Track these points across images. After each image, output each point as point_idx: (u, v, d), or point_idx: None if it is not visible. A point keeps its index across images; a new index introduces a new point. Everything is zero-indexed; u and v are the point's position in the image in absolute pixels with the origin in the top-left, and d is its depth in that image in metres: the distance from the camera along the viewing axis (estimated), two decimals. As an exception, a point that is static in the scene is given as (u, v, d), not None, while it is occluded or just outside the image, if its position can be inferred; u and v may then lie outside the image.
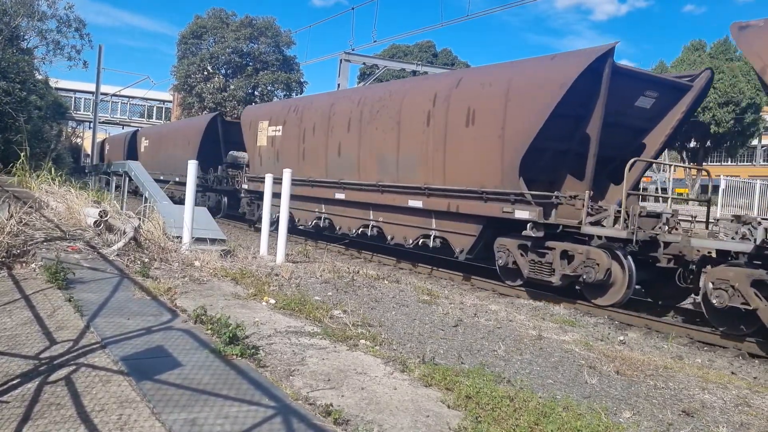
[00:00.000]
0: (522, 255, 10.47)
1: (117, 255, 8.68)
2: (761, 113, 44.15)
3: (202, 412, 3.62)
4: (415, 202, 12.32)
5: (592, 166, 10.18)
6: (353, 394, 4.27)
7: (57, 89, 41.96)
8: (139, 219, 10.55)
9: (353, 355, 5.27)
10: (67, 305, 5.85)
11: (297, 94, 44.55)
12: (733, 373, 6.63)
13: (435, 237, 12.13)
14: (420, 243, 12.55)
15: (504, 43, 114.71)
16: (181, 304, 6.42)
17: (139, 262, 8.50)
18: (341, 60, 26.67)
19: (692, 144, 46.61)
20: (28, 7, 24.07)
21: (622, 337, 7.74)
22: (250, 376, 4.32)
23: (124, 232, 9.55)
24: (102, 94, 39.54)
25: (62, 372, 4.16)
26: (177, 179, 23.36)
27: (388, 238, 13.41)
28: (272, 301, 7.13)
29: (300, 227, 17.06)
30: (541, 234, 9.97)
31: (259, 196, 16.77)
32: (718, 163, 57.50)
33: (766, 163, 62.77)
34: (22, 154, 14.30)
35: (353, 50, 27.28)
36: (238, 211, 20.77)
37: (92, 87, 39.00)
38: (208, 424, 3.47)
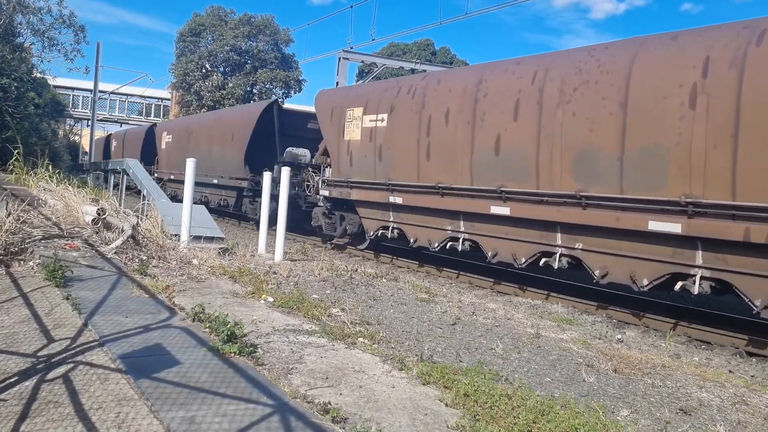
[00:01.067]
0: None
1: (115, 253, 8.68)
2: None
3: (200, 410, 3.62)
4: (664, 225, 8.28)
5: None
6: (351, 392, 4.28)
7: (55, 87, 41.87)
8: (138, 217, 10.54)
9: (351, 353, 5.27)
10: (65, 303, 5.85)
11: (296, 93, 44.51)
12: (730, 371, 6.64)
13: (701, 279, 8.02)
14: (675, 288, 8.21)
15: (502, 41, 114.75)
16: (179, 302, 6.42)
17: (137, 260, 8.50)
18: (340, 58, 26.64)
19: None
20: (22, 2, 23.95)
21: (619, 336, 7.75)
22: (248, 374, 4.32)
23: (122, 230, 9.55)
24: (100, 91, 39.47)
25: (60, 370, 4.16)
26: (215, 181, 22.19)
27: (597, 274, 9.17)
28: (270, 299, 7.12)
29: (414, 247, 13.01)
30: None
31: (345, 205, 15.11)
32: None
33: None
34: (15, 152, 14.29)
35: (352, 48, 27.24)
36: (311, 223, 16.93)
37: (90, 84, 38.94)
38: (206, 422, 3.47)
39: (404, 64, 31.30)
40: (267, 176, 11.88)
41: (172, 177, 26.75)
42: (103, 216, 10.11)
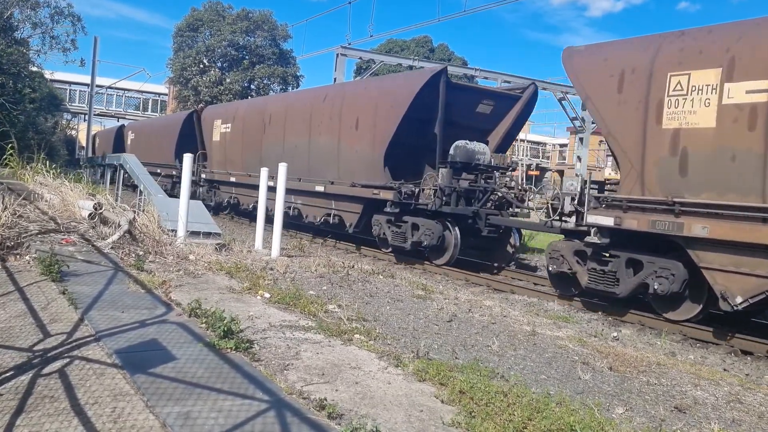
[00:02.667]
0: None
1: (111, 248, 8.67)
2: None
3: (196, 405, 3.62)
4: None
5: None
6: (347, 389, 4.28)
7: (52, 81, 41.76)
8: (134, 212, 10.53)
9: (348, 349, 5.27)
10: (61, 298, 5.84)
11: (293, 89, 44.42)
12: (725, 369, 6.66)
13: None
14: None
15: (501, 39, 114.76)
16: (175, 298, 6.41)
17: (133, 255, 8.49)
18: (338, 54, 26.55)
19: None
20: None
21: (615, 334, 7.77)
22: (244, 369, 4.33)
23: (119, 225, 9.53)
24: (97, 86, 39.30)
25: (56, 365, 4.16)
26: (319, 188, 14.68)
27: None
28: (267, 295, 7.12)
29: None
30: None
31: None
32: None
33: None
34: (9, 146, 14.27)
35: (350, 45, 27.17)
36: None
37: (87, 79, 38.80)
38: (201, 417, 3.47)
39: (402, 61, 31.26)
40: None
41: (233, 180, 19.14)
42: (100, 211, 10.09)
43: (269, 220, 11.78)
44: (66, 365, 4.16)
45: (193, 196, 20.32)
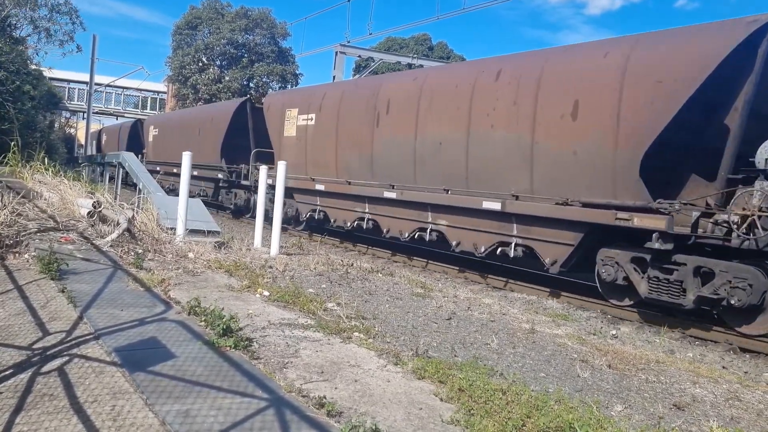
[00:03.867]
0: None
1: (110, 246, 8.66)
2: None
3: (196, 403, 3.63)
4: None
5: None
6: (346, 387, 4.29)
7: (50, 79, 41.71)
8: (133, 210, 10.52)
9: (347, 347, 5.28)
10: (60, 296, 5.84)
11: (293, 86, 44.40)
12: (724, 367, 6.67)
13: None
14: None
15: (500, 37, 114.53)
16: (174, 296, 6.41)
17: (132, 253, 8.48)
18: (337, 52, 26.57)
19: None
20: None
21: (614, 331, 7.78)
22: (243, 368, 4.33)
23: (118, 224, 9.53)
24: (96, 84, 39.30)
25: (55, 363, 4.16)
26: (496, 207, 9.99)
27: None
28: (266, 293, 7.13)
29: None
30: None
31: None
32: None
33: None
34: (12, 144, 14.26)
35: (349, 43, 27.18)
36: None
37: (86, 77, 38.80)
38: (201, 415, 3.47)
39: (401, 59, 31.25)
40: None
41: (321, 188, 14.63)
42: (99, 209, 10.09)
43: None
44: (65, 363, 4.16)
45: (246, 204, 18.63)
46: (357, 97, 13.86)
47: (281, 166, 11.40)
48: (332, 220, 14.62)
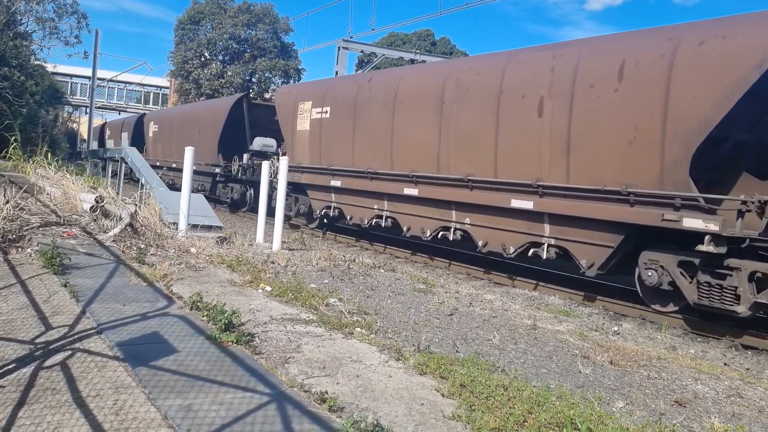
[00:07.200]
0: None
1: (113, 241, 8.68)
2: None
3: (198, 398, 3.64)
4: None
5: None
6: (348, 382, 4.29)
7: (53, 74, 41.73)
8: (136, 205, 10.53)
9: (348, 342, 5.28)
10: (62, 291, 5.85)
11: (295, 82, 44.35)
12: (725, 364, 6.67)
13: None
14: None
15: (502, 32, 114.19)
16: (177, 291, 6.42)
17: (135, 248, 8.50)
18: (339, 48, 26.51)
19: None
20: None
21: (616, 328, 7.78)
22: (245, 363, 4.34)
23: (120, 218, 9.54)
24: (99, 79, 39.24)
25: (58, 357, 4.17)
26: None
27: None
28: (268, 288, 7.13)
29: None
30: None
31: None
32: None
33: None
34: (12, 139, 14.28)
35: (351, 38, 27.12)
36: None
37: (89, 72, 38.73)
38: (203, 410, 3.48)
39: (404, 54, 31.19)
40: None
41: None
42: (101, 204, 10.11)
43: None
44: (68, 358, 4.17)
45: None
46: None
47: (284, 162, 11.39)
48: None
